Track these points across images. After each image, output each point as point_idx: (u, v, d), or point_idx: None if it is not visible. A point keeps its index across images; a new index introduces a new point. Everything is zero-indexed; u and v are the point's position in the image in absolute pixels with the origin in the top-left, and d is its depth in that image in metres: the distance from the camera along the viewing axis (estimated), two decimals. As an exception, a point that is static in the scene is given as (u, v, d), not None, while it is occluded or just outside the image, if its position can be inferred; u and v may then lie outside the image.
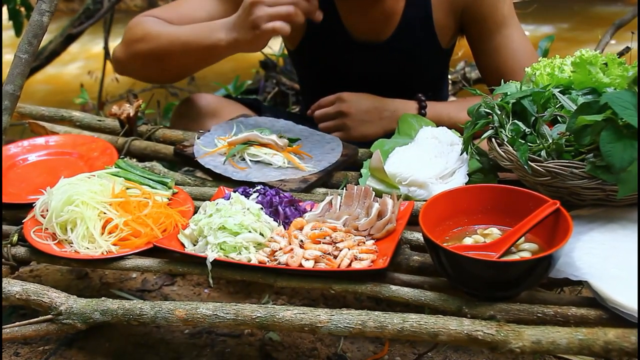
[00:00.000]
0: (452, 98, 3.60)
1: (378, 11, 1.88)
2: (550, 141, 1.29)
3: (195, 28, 1.72)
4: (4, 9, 3.19)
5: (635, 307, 1.06)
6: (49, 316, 1.25)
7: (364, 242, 1.30)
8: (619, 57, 1.45)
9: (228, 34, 1.65)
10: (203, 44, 1.69)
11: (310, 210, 1.43)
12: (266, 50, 3.65)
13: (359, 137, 1.82)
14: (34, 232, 1.39)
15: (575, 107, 1.30)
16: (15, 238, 1.41)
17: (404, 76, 1.94)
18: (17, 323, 1.26)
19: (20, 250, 1.40)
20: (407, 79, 1.94)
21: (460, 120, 1.75)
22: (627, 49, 2.65)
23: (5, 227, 1.45)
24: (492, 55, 1.86)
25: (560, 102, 1.36)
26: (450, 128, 1.72)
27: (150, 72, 1.87)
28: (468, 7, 1.85)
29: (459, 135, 1.60)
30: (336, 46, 1.95)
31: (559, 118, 1.34)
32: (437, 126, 1.72)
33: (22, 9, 3.25)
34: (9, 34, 3.34)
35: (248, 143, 1.66)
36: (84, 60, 5.51)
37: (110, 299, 1.25)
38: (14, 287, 1.27)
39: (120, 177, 1.50)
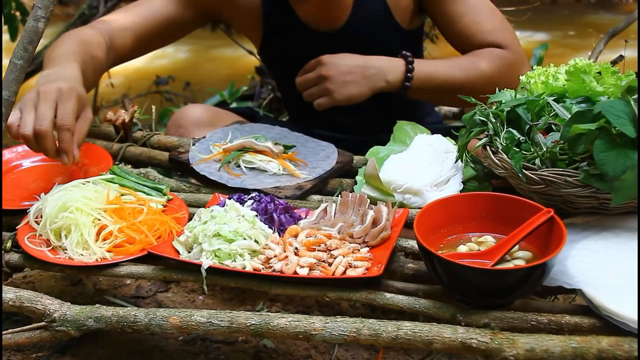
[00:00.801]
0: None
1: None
2: (545, 149, 1.30)
3: (57, 55, 1.67)
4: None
5: (629, 315, 1.06)
6: (43, 323, 1.24)
7: (359, 250, 1.30)
8: (612, 65, 1.46)
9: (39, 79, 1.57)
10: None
11: (305, 218, 1.43)
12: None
13: (344, 100, 1.76)
14: (27, 238, 1.38)
15: (569, 116, 1.30)
16: (9, 244, 1.41)
17: None
18: (10, 330, 1.25)
19: (14, 257, 1.40)
20: None
21: (449, 76, 1.78)
22: (621, 57, 2.66)
23: (-1, 233, 1.45)
24: (455, 21, 1.84)
25: (554, 110, 1.37)
26: (437, 86, 1.75)
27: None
28: None
29: (454, 143, 1.61)
30: (296, 40, 1.95)
31: (553, 126, 1.35)
32: (428, 86, 1.75)
33: (18, 14, 3.25)
34: (3, 38, 3.33)
35: (243, 150, 1.66)
36: (79, 65, 5.50)
37: (104, 306, 1.25)
38: (8, 293, 1.27)
39: (115, 183, 1.50)
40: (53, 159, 1.46)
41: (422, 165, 1.55)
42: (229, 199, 1.44)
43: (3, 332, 1.25)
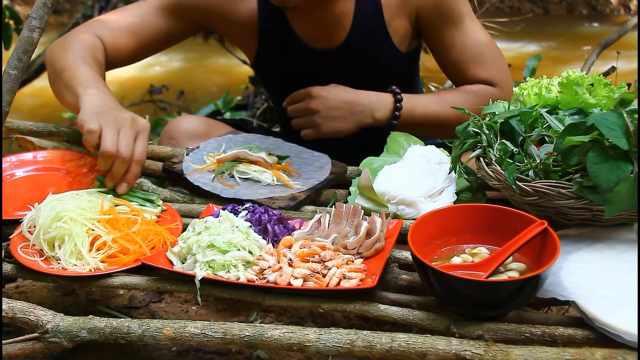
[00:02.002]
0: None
1: (327, 17, 1.87)
2: (538, 161, 1.30)
3: (84, 74, 1.68)
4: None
5: (623, 327, 1.07)
6: (35, 334, 1.24)
7: (353, 261, 1.30)
8: (604, 77, 1.47)
9: (89, 97, 1.60)
10: (73, 88, 1.65)
11: (299, 228, 1.43)
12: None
13: (330, 134, 1.80)
14: (20, 248, 1.38)
15: (562, 128, 1.31)
16: (1, 254, 1.40)
17: (365, 82, 1.93)
18: (3, 342, 1.24)
19: (7, 267, 1.39)
20: (369, 85, 1.93)
21: (436, 113, 1.82)
22: (613, 68, 2.68)
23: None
24: (450, 50, 1.87)
25: (547, 122, 1.37)
26: (424, 122, 1.78)
27: (49, 78, 1.86)
28: (421, 8, 1.86)
29: (447, 154, 1.61)
30: (291, 56, 1.95)
31: (546, 138, 1.36)
32: (415, 122, 1.79)
33: (11, 23, 3.25)
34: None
35: (237, 160, 1.66)
36: (72, 73, 5.50)
37: (98, 317, 1.25)
38: (0, 304, 1.26)
39: (108, 194, 1.50)
40: (111, 182, 1.51)
41: (415, 176, 1.55)
42: (223, 209, 1.44)
43: (-5, 343, 1.25)
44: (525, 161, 1.32)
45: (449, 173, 1.54)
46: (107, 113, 1.51)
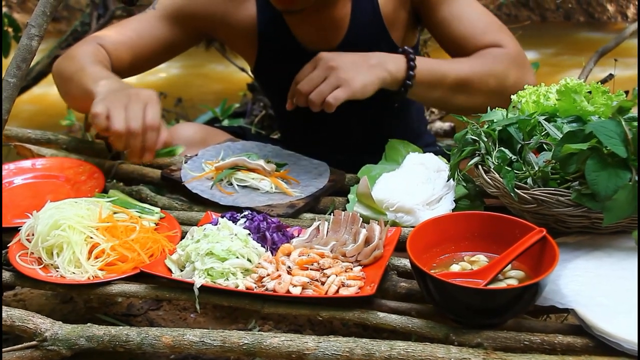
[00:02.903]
0: (438, 122, 3.63)
1: (326, 19, 1.87)
2: (537, 169, 1.31)
3: (95, 72, 1.68)
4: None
5: (622, 335, 1.07)
6: (34, 342, 1.23)
7: (352, 269, 1.30)
8: (602, 84, 1.47)
9: (99, 88, 1.59)
10: (85, 87, 1.65)
11: (298, 236, 1.43)
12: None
13: (360, 88, 1.60)
14: (19, 256, 1.38)
15: (560, 135, 1.31)
16: None
17: None
18: (1, 350, 1.24)
19: (5, 275, 1.39)
20: None
21: (457, 68, 1.70)
22: (611, 75, 2.69)
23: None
24: (449, 26, 1.82)
25: (545, 129, 1.38)
26: (444, 81, 1.67)
27: (60, 90, 1.86)
28: None
29: (446, 161, 1.61)
30: (291, 60, 1.94)
31: (544, 146, 1.36)
32: (433, 78, 1.66)
33: (10, 30, 3.26)
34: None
35: (235, 168, 1.66)
36: (71, 80, 5.50)
37: (96, 325, 1.24)
38: (-1, 312, 1.26)
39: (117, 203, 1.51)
40: (134, 157, 1.50)
41: (414, 184, 1.55)
42: (222, 217, 1.44)
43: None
44: (524, 169, 1.33)
45: (448, 181, 1.54)
46: (112, 95, 1.50)
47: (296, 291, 1.24)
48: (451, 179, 1.52)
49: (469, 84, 1.66)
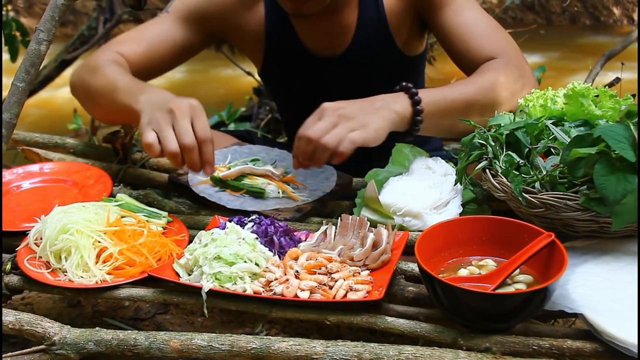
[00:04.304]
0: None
1: (332, 24, 1.87)
2: (544, 173, 1.30)
3: (127, 84, 1.66)
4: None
5: (631, 339, 1.06)
6: (42, 346, 1.24)
7: (359, 273, 1.30)
8: (609, 88, 1.47)
9: (140, 105, 1.55)
10: (121, 102, 1.62)
11: (305, 240, 1.43)
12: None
13: (374, 133, 1.51)
14: (27, 260, 1.38)
15: (568, 139, 1.31)
16: (8, 266, 1.41)
17: (371, 88, 1.90)
18: (9, 353, 1.24)
19: (14, 279, 1.39)
20: (375, 91, 1.90)
21: (460, 93, 1.63)
22: (617, 79, 2.68)
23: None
24: (448, 31, 1.79)
25: (553, 133, 1.37)
26: (452, 107, 1.60)
27: (85, 103, 1.84)
28: None
29: (453, 165, 1.61)
30: (297, 64, 1.95)
31: (552, 150, 1.36)
32: (438, 108, 1.58)
33: (18, 35, 3.27)
34: (3, 58, 3.35)
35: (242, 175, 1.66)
36: (77, 84, 5.51)
37: (104, 329, 1.25)
38: (7, 316, 1.26)
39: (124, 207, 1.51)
40: (196, 171, 1.50)
41: (421, 188, 1.55)
42: (230, 221, 1.44)
43: (2, 356, 1.25)
44: (532, 173, 1.33)
45: (455, 185, 1.54)
46: (156, 115, 1.48)
47: (304, 295, 1.24)
48: (458, 183, 1.52)
49: (476, 105, 1.62)
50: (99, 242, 1.38)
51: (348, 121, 1.51)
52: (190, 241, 1.44)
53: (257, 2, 1.92)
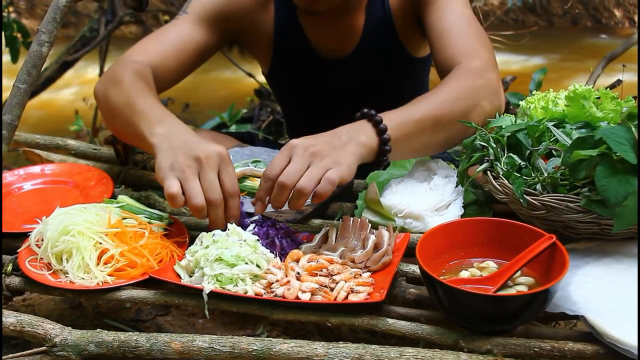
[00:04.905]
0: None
1: (341, 25, 1.88)
2: (546, 175, 1.30)
3: (146, 109, 1.53)
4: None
5: (633, 342, 1.06)
6: (43, 348, 1.24)
7: (361, 275, 1.30)
8: (610, 90, 1.47)
9: (157, 139, 1.45)
10: (137, 128, 1.52)
11: (306, 242, 1.43)
12: (261, 79, 3.68)
13: (347, 169, 1.39)
14: (28, 262, 1.38)
15: (569, 141, 1.31)
16: (9, 268, 1.41)
17: (377, 89, 1.88)
18: (10, 355, 1.24)
19: (15, 280, 1.39)
20: (381, 92, 1.87)
21: (426, 112, 1.53)
22: (619, 81, 2.68)
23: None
24: (428, 31, 1.76)
25: (554, 135, 1.37)
26: (420, 128, 1.51)
27: (105, 117, 1.75)
28: None
29: (454, 167, 1.61)
30: (304, 65, 1.95)
31: (553, 152, 1.36)
32: (406, 131, 1.48)
33: (19, 36, 3.27)
34: (4, 59, 3.35)
35: (243, 177, 1.66)
36: (78, 86, 5.54)
37: (106, 331, 1.25)
38: (8, 318, 1.26)
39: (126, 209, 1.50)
40: (217, 228, 1.39)
41: (422, 190, 1.55)
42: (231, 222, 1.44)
43: (3, 357, 1.25)
44: (533, 175, 1.33)
45: (456, 187, 1.54)
46: (179, 160, 1.38)
47: (305, 297, 1.24)
48: (460, 185, 1.52)
49: (444, 120, 1.53)
50: (100, 243, 1.38)
51: (321, 160, 1.39)
52: (191, 243, 1.44)
53: (269, 2, 1.92)
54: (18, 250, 1.42)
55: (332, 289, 1.25)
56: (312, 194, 1.36)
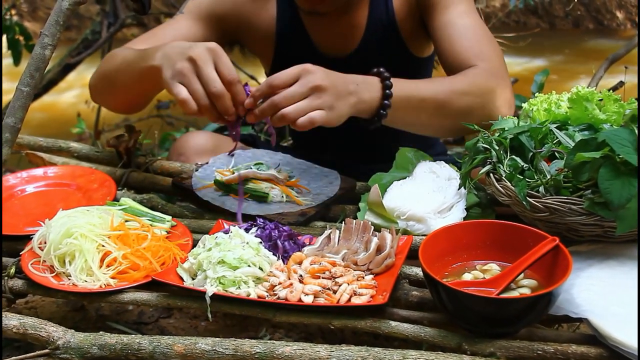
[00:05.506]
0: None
1: (343, 24, 1.88)
2: (549, 177, 1.30)
3: (141, 51, 1.66)
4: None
5: (636, 344, 1.06)
6: (46, 350, 1.24)
7: (363, 277, 1.30)
8: (613, 92, 1.47)
9: (157, 61, 1.53)
10: (140, 68, 1.61)
11: (309, 244, 1.43)
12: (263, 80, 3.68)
13: (336, 118, 1.48)
14: (31, 264, 1.38)
15: (572, 143, 1.31)
16: (12, 270, 1.41)
17: None
18: (13, 358, 1.24)
19: (18, 283, 1.39)
20: None
21: (433, 94, 1.59)
22: (621, 83, 2.68)
23: (2, 259, 1.45)
24: (437, 35, 1.77)
25: (557, 138, 1.37)
26: (421, 106, 1.58)
27: (107, 97, 1.85)
28: None
29: (457, 169, 1.61)
30: (305, 62, 1.95)
31: (556, 154, 1.35)
32: (405, 105, 1.55)
33: (21, 38, 3.28)
34: (6, 61, 3.36)
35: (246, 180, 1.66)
36: (80, 88, 5.54)
37: (108, 333, 1.25)
38: (11, 320, 1.26)
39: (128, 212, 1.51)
40: (231, 117, 1.46)
41: (425, 192, 1.55)
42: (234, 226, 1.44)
43: (6, 360, 1.25)
44: (536, 177, 1.32)
45: (459, 189, 1.54)
46: (177, 66, 1.45)
47: (308, 300, 1.23)
48: (462, 187, 1.52)
49: (446, 108, 1.59)
50: (103, 246, 1.38)
51: (318, 98, 1.44)
52: (194, 245, 1.44)
53: (270, 0, 1.92)
54: (21, 253, 1.43)
55: (334, 292, 1.25)
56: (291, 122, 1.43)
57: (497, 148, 1.40)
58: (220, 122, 1.50)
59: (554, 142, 1.37)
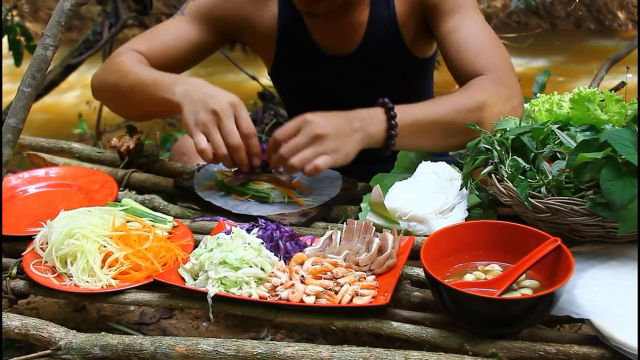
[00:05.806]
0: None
1: (344, 23, 1.89)
2: (550, 177, 1.30)
3: (158, 78, 1.70)
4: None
5: (637, 345, 1.06)
6: (48, 351, 1.24)
7: (365, 278, 1.29)
8: (614, 92, 1.46)
9: (179, 98, 1.60)
10: (157, 96, 1.66)
11: (311, 245, 1.43)
12: (265, 81, 3.68)
13: (343, 158, 1.55)
14: (33, 265, 1.38)
15: (574, 144, 1.31)
16: (14, 271, 1.41)
17: (380, 88, 1.88)
18: (15, 358, 1.24)
19: (20, 284, 1.39)
20: (384, 90, 1.88)
21: (437, 115, 1.62)
22: (622, 83, 2.68)
23: (4, 260, 1.45)
24: (444, 40, 1.78)
25: (559, 138, 1.37)
26: (427, 130, 1.61)
27: (115, 105, 1.88)
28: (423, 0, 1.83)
29: (458, 170, 1.61)
30: (307, 62, 1.96)
31: (558, 154, 1.35)
32: (412, 131, 1.59)
33: (22, 39, 3.28)
34: (7, 62, 3.36)
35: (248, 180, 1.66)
36: (82, 89, 5.54)
37: (110, 334, 1.25)
38: (13, 321, 1.27)
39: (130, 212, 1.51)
40: (244, 169, 1.61)
41: (427, 193, 1.55)
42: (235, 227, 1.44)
43: (8, 360, 1.25)
44: (537, 178, 1.32)
45: (460, 189, 1.54)
46: (200, 116, 1.55)
47: (310, 300, 1.23)
48: (464, 188, 1.52)
49: (455, 127, 1.60)
50: (105, 246, 1.38)
51: (321, 144, 1.52)
52: (195, 246, 1.44)
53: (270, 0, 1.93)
54: (23, 254, 1.43)
55: (336, 292, 1.25)
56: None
57: (498, 148, 1.40)
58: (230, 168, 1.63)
59: (556, 142, 1.37)
